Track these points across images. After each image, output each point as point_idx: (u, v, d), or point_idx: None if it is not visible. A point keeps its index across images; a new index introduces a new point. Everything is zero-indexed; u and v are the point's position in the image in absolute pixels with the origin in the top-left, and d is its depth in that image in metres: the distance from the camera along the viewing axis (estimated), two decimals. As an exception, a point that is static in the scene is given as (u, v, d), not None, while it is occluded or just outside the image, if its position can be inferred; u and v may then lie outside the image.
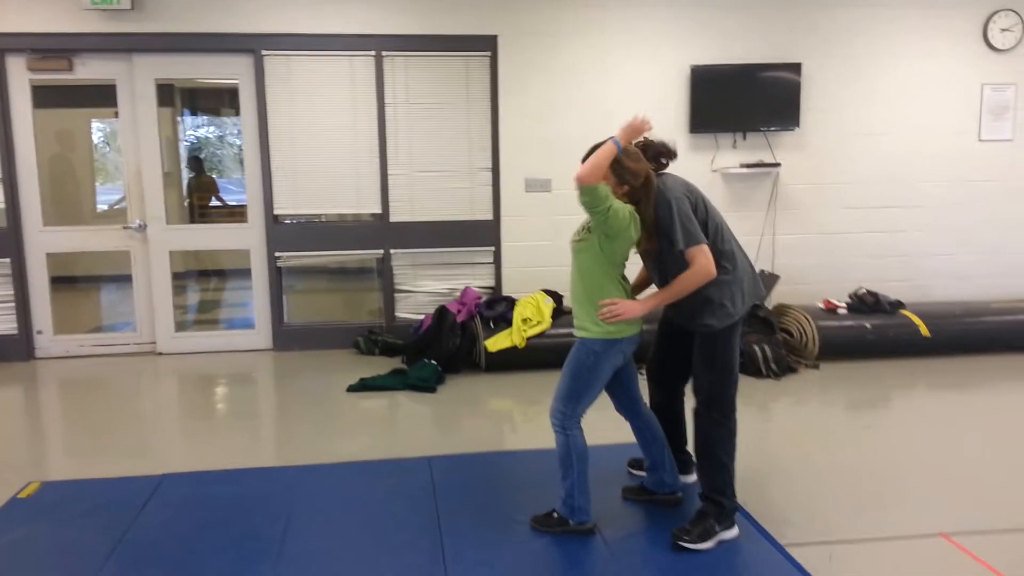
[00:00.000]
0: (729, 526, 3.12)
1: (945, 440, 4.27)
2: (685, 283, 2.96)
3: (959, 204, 6.75)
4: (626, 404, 3.35)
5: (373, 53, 6.08)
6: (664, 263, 3.09)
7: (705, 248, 2.95)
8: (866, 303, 6.01)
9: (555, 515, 3.19)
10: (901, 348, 5.88)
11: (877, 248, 6.73)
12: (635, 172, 2.96)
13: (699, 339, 3.12)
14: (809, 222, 6.63)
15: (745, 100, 6.32)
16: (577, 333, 3.13)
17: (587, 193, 2.85)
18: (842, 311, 5.99)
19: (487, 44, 6.18)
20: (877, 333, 5.84)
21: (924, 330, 5.85)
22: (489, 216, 6.38)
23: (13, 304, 6.06)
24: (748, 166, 6.40)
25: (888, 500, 3.50)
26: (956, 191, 6.73)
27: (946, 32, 6.53)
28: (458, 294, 6.20)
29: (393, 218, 6.29)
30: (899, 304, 6.05)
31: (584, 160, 2.96)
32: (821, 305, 6.11)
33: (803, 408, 4.89)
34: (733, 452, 3.13)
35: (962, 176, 6.72)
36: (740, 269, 3.11)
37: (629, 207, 2.97)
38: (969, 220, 6.78)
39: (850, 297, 6.14)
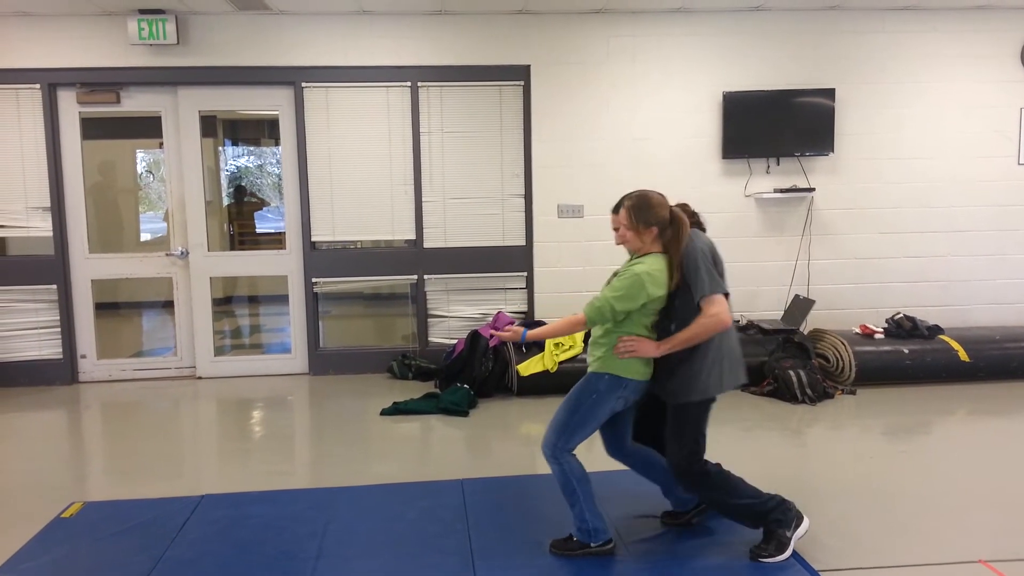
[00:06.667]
0: (798, 524, 3.12)
1: (984, 466, 4.18)
2: (701, 328, 2.98)
3: (998, 228, 6.66)
4: (615, 445, 3.34)
5: (409, 84, 6.22)
6: (671, 310, 3.08)
7: (722, 298, 3.00)
8: (903, 328, 5.93)
9: (574, 539, 3.19)
10: (939, 373, 5.78)
11: (914, 273, 6.65)
12: (657, 212, 3.02)
13: (672, 410, 3.13)
14: (844, 247, 6.58)
15: (778, 126, 6.32)
16: (589, 367, 3.16)
17: (593, 322, 3.09)
18: (879, 336, 5.92)
19: (520, 73, 6.28)
20: (915, 358, 5.75)
21: (963, 355, 5.76)
22: (522, 242, 6.44)
23: (59, 329, 6.24)
24: (782, 191, 6.38)
25: (926, 526, 3.45)
26: (994, 215, 6.65)
27: (982, 56, 6.49)
28: (491, 319, 6.25)
29: (427, 244, 6.38)
30: (937, 329, 5.96)
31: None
32: (857, 330, 6.04)
33: (839, 433, 4.83)
34: (736, 485, 3.11)
35: (1001, 200, 6.63)
36: (728, 346, 3.10)
37: (646, 273, 2.98)
38: (1008, 244, 6.69)
39: (887, 322, 6.07)
